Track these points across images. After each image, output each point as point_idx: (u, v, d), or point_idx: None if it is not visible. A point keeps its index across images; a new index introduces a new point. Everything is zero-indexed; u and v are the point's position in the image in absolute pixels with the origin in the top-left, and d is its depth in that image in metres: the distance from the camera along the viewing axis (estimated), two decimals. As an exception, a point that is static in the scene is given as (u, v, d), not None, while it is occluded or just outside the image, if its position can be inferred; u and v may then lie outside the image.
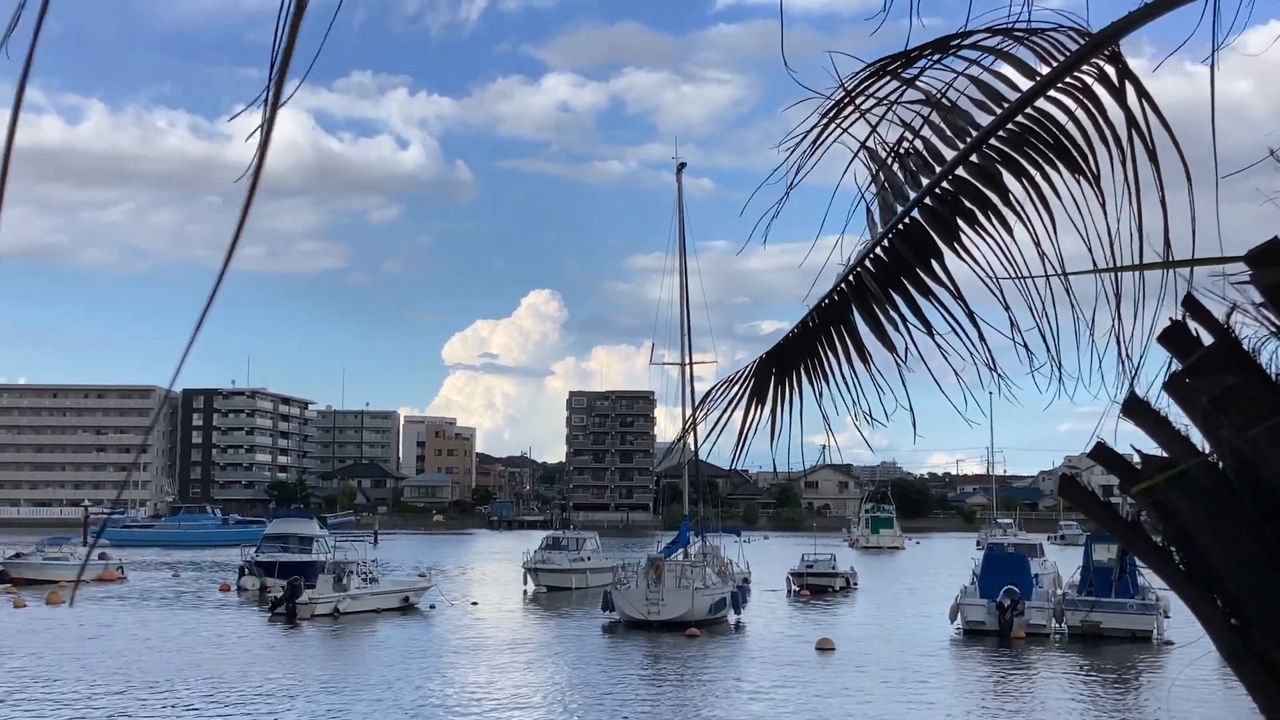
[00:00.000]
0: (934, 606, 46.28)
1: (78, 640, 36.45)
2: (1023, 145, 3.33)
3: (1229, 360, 2.37)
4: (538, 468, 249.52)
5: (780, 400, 3.77)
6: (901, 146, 3.54)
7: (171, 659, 32.73)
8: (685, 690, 29.14)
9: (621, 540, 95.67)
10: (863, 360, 3.63)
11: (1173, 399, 2.49)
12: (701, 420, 3.84)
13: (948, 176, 3.42)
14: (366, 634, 39.70)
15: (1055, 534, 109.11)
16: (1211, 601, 2.48)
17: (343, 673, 30.89)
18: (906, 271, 3.49)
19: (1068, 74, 3.18)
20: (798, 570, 59.66)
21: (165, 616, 44.58)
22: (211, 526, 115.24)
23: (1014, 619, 38.57)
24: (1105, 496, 2.82)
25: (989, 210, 3.38)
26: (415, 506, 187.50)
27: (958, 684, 30.94)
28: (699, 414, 3.89)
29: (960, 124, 3.44)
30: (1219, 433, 2.40)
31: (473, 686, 29.26)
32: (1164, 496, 2.48)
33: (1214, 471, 2.44)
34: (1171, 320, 2.53)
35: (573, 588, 56.55)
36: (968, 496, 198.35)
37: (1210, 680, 26.95)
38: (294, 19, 1.65)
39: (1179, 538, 2.51)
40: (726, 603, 43.16)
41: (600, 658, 34.67)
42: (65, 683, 28.38)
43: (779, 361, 3.76)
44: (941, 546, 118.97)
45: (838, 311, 3.64)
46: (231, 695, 26.98)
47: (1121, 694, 29.50)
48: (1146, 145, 3.11)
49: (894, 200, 3.54)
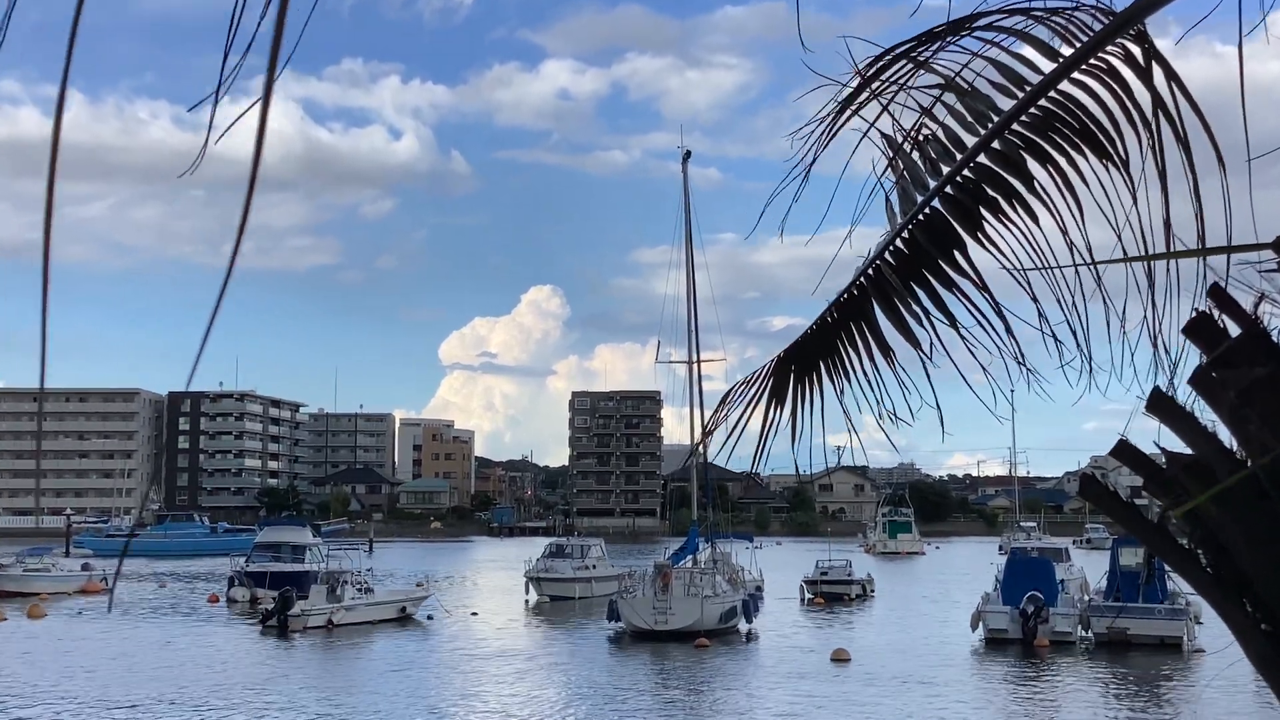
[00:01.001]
0: (954, 614, 45.98)
1: (56, 655, 35.90)
2: (1047, 130, 3.25)
3: (1257, 352, 2.34)
4: (539, 472, 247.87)
5: (800, 400, 3.73)
6: (920, 133, 3.49)
7: (153, 675, 32.10)
8: (693, 704, 28.72)
9: (627, 547, 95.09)
10: (885, 357, 3.58)
11: (1199, 394, 2.42)
12: (720, 424, 3.80)
13: (969, 164, 3.36)
14: (362, 646, 39.17)
15: (1081, 538, 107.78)
16: (1241, 607, 2.43)
17: (336, 687, 30.41)
18: (928, 263, 3.43)
19: (1091, 55, 3.10)
20: (812, 577, 58.92)
21: (150, 630, 43.93)
22: (199, 535, 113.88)
23: (1038, 626, 38.00)
24: (1131, 498, 2.73)
25: (1013, 198, 3.32)
26: (412, 513, 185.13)
27: (978, 695, 30.46)
28: (717, 417, 3.83)
29: (981, 109, 3.38)
30: (1247, 428, 2.35)
31: (471, 700, 28.87)
32: (1191, 496, 2.43)
33: (1241, 469, 2.37)
34: (1197, 311, 2.48)
35: (576, 597, 56.05)
36: (989, 499, 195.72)
37: (1243, 689, 26.74)
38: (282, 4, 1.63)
39: (1206, 540, 2.48)
40: (737, 611, 42.65)
41: (605, 669, 34.25)
42: (39, 702, 27.75)
43: (798, 360, 3.72)
44: (962, 551, 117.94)
45: (857, 306, 3.59)
46: (214, 715, 26.41)
47: (1149, 704, 29.01)
48: (1175, 129, 3.03)
49: (914, 189, 3.49)
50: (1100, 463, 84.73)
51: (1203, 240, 2.99)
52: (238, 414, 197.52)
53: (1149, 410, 2.51)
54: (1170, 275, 3.04)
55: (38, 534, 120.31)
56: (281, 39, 1.59)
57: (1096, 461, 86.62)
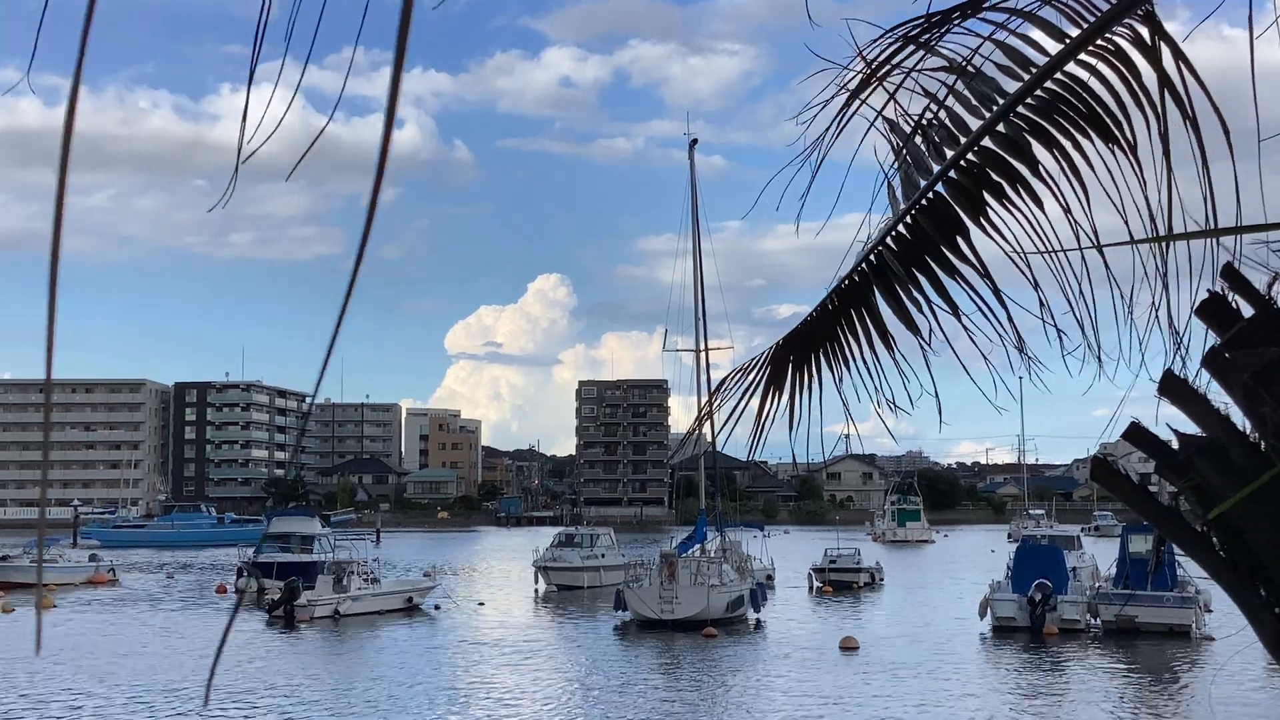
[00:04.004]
0: (963, 602, 45.75)
1: (62, 646, 35.80)
2: (1052, 113, 3.19)
3: (1271, 332, 2.28)
4: (546, 461, 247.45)
5: (799, 387, 3.68)
6: (925, 117, 3.41)
7: (158, 665, 32.13)
8: (699, 693, 28.57)
9: (635, 536, 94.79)
10: (885, 344, 3.52)
11: (1211, 375, 2.36)
12: (717, 410, 3.77)
13: (973, 148, 3.29)
14: (367, 637, 39.10)
15: (1089, 525, 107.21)
16: (1255, 591, 2.40)
17: (340, 678, 30.33)
18: (930, 249, 3.37)
19: (1099, 35, 3.02)
20: (820, 566, 58.69)
21: (157, 620, 43.99)
22: (206, 526, 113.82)
23: (1045, 614, 37.93)
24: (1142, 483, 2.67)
25: (1018, 183, 3.25)
26: (419, 503, 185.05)
27: (985, 683, 30.38)
28: (714, 404, 3.79)
29: (986, 91, 3.31)
30: (1260, 410, 2.30)
31: (476, 690, 28.81)
32: (1204, 480, 2.38)
33: (1256, 452, 2.33)
34: (1209, 292, 2.43)
35: (585, 586, 55.95)
36: (998, 487, 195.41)
37: (1254, 676, 26.71)
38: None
39: (1219, 524, 2.41)
40: (744, 600, 42.53)
41: (610, 659, 34.19)
42: (47, 692, 27.83)
43: (797, 347, 3.67)
44: (971, 539, 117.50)
45: (858, 293, 3.54)
46: (217, 704, 26.39)
47: (1156, 691, 28.92)
48: (1185, 111, 2.94)
49: (917, 175, 3.44)
50: (1110, 449, 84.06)
51: (1214, 220, 2.92)
52: (244, 404, 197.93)
53: (1161, 393, 2.47)
54: (1179, 258, 2.98)
55: (48, 525, 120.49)
56: (409, 30, 1.48)
57: (1106, 448, 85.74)
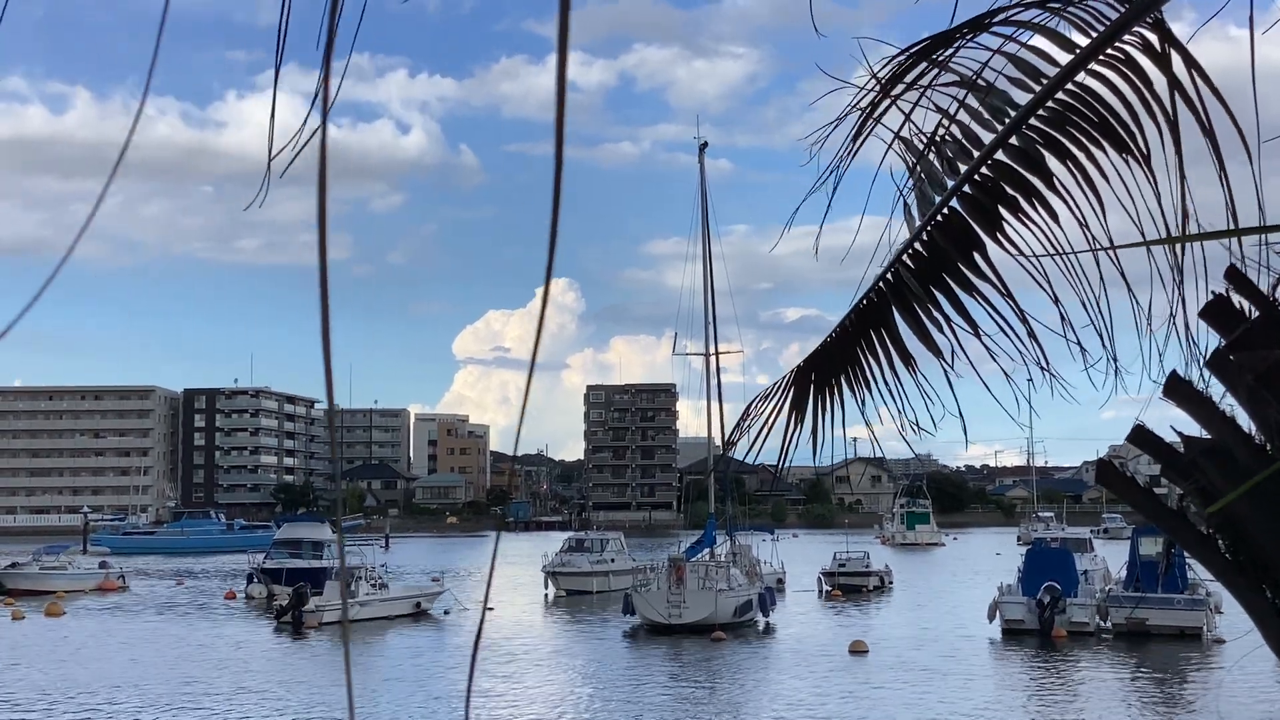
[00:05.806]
0: (973, 605, 45.68)
1: (72, 652, 36.00)
2: (1064, 124, 3.19)
3: (1276, 334, 2.26)
4: (555, 466, 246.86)
5: (821, 411, 3.67)
6: (938, 134, 3.41)
7: (168, 671, 32.22)
8: (707, 697, 28.51)
9: (644, 540, 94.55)
10: (906, 365, 3.51)
11: (1216, 377, 2.34)
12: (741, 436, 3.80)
13: (986, 161, 3.29)
14: (375, 642, 39.09)
15: (1098, 527, 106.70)
16: (1261, 593, 2.38)
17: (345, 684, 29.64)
18: (948, 266, 3.35)
19: (1109, 44, 3.01)
20: (829, 569, 58.52)
21: (167, 626, 44.07)
22: (216, 532, 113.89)
23: (1054, 617, 37.82)
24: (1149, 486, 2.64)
25: (1032, 196, 3.24)
26: (428, 508, 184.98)
27: (994, 686, 30.32)
28: (737, 433, 3.83)
29: (997, 104, 3.31)
30: (1265, 412, 2.29)
31: (484, 695, 28.70)
32: (1209, 482, 2.36)
33: (1261, 454, 2.32)
34: (1214, 294, 2.42)
35: (594, 591, 55.94)
36: (1007, 489, 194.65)
37: (1264, 679, 26.52)
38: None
39: (1225, 526, 2.41)
40: (753, 604, 42.42)
41: (617, 663, 34.15)
42: (57, 698, 27.89)
43: (818, 369, 3.65)
44: (980, 542, 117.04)
45: (877, 313, 3.52)
46: (226, 710, 26.44)
47: (1166, 695, 28.85)
48: (1197, 115, 2.95)
49: (931, 191, 3.42)
50: (1119, 452, 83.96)
51: (1236, 222, 2.92)
52: (253, 410, 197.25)
53: (1166, 395, 2.47)
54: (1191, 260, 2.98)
55: (56, 532, 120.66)
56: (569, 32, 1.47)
57: (1115, 451, 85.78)
